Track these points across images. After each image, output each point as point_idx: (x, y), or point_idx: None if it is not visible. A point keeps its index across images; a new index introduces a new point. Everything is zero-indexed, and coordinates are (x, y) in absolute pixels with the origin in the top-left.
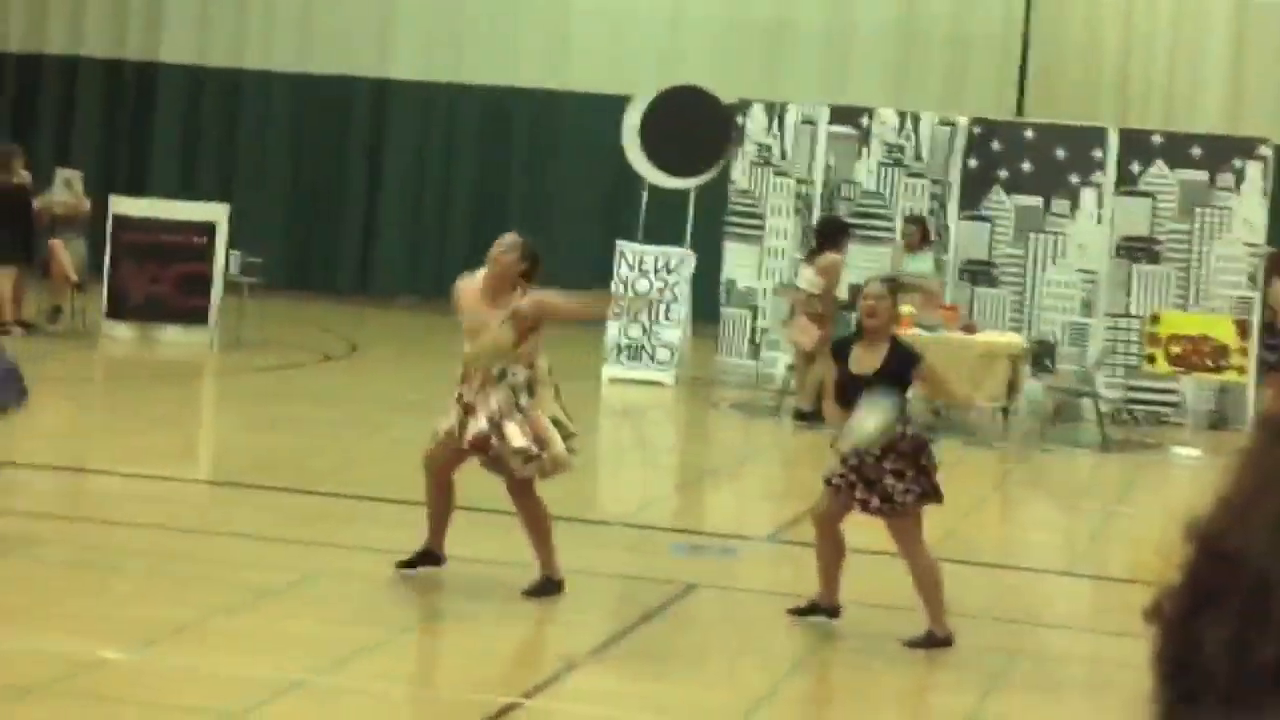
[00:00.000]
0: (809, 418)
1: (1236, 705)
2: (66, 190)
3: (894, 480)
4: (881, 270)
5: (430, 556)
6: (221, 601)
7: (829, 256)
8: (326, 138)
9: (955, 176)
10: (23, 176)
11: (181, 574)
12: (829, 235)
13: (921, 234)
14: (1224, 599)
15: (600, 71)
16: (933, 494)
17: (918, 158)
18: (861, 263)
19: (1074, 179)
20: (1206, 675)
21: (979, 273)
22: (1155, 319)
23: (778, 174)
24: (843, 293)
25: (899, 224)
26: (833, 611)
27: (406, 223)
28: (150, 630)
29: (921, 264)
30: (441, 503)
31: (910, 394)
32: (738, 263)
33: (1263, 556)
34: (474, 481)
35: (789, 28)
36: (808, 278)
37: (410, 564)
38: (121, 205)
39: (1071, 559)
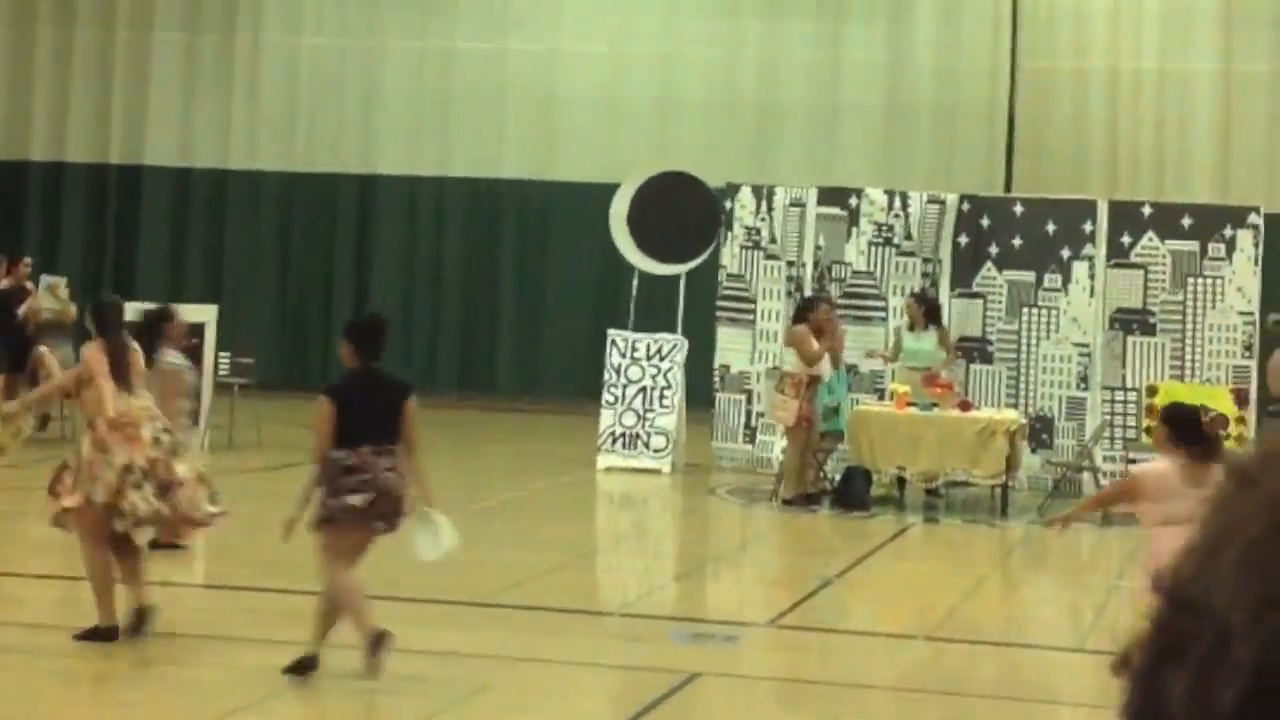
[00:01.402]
0: (793, 503)
1: None
2: (51, 296)
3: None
4: (874, 346)
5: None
6: (225, 706)
7: (791, 330)
8: (314, 235)
9: (946, 254)
10: (25, 283)
11: (182, 679)
12: (797, 314)
13: (926, 312)
14: (1186, 648)
15: (586, 159)
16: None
17: (908, 236)
18: (855, 342)
19: (1065, 252)
20: None
21: (973, 349)
22: (1153, 390)
23: (768, 257)
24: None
25: (891, 303)
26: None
27: (397, 317)
28: None
29: (924, 343)
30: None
31: None
32: (730, 347)
33: (1224, 603)
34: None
35: (775, 110)
36: (789, 359)
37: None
38: None
39: (1077, 635)
